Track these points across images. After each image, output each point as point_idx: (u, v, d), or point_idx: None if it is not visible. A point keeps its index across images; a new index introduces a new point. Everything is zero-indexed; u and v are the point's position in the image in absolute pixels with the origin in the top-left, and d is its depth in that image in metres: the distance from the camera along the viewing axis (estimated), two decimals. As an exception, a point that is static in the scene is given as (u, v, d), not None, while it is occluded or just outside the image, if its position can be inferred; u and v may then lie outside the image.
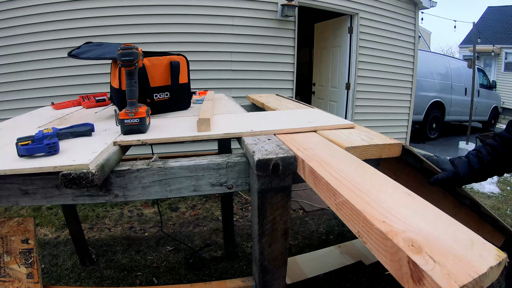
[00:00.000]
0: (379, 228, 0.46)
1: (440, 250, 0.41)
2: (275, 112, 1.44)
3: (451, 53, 21.64)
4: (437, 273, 0.37)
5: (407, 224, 0.47)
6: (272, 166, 0.78)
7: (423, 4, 4.61)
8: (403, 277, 0.41)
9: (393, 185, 0.62)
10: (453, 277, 0.37)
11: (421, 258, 0.39)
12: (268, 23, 3.71)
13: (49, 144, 0.80)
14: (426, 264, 0.39)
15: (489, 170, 1.07)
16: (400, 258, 0.42)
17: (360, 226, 0.52)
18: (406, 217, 0.49)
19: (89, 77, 3.21)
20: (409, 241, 0.42)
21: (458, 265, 0.39)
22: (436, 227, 0.47)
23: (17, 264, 1.03)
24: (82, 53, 1.30)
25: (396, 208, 0.52)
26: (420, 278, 0.39)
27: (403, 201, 0.55)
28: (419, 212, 0.51)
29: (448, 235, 0.45)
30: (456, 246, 0.42)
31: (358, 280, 2.06)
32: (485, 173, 1.08)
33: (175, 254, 2.36)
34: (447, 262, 0.39)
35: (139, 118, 0.99)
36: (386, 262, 0.45)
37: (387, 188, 0.60)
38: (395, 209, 0.51)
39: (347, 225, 0.58)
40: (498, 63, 12.65)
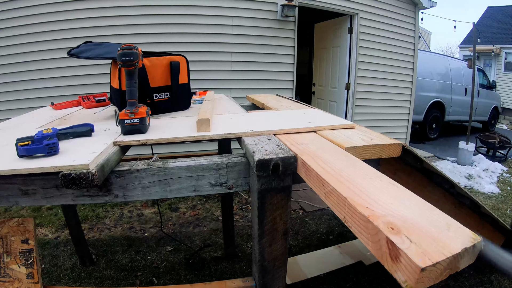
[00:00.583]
0: (362, 212, 0.50)
1: (417, 232, 0.44)
2: (275, 112, 1.44)
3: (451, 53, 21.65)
4: (412, 251, 0.40)
5: (388, 210, 0.50)
6: (272, 166, 0.78)
7: (423, 4, 4.61)
8: (383, 256, 0.45)
9: (379, 176, 0.66)
10: (428, 255, 0.39)
11: (398, 238, 0.43)
12: (268, 23, 3.71)
13: (48, 144, 0.80)
14: (403, 243, 0.42)
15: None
16: (380, 238, 0.45)
17: (345, 212, 0.56)
18: (388, 204, 0.52)
19: (89, 77, 3.21)
20: (388, 224, 0.46)
21: (433, 245, 0.41)
22: (415, 213, 0.50)
23: (17, 264, 1.03)
24: (82, 52, 1.30)
25: (379, 196, 0.55)
26: (397, 256, 0.42)
27: (387, 190, 0.59)
28: (401, 199, 0.54)
29: (426, 220, 0.47)
30: (433, 229, 0.45)
31: (358, 280, 2.06)
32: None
33: (175, 254, 2.36)
34: (423, 242, 0.42)
35: (139, 118, 0.99)
36: (367, 243, 0.49)
37: (373, 178, 0.64)
38: (378, 197, 0.55)
39: (334, 211, 0.62)
40: (498, 63, 12.65)
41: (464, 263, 0.42)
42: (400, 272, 0.41)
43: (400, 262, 0.41)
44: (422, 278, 0.39)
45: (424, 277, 0.39)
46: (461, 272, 2.12)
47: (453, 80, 7.16)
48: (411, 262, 0.39)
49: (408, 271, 0.40)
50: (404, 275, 0.41)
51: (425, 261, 0.39)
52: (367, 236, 0.49)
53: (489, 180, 4.10)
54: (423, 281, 0.39)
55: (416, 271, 0.38)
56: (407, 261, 0.40)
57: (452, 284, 2.02)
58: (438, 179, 1.33)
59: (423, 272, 0.38)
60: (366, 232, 0.49)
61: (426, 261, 0.39)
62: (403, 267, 0.41)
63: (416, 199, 0.55)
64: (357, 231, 0.52)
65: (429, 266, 0.38)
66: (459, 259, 0.41)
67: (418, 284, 0.39)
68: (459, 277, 2.08)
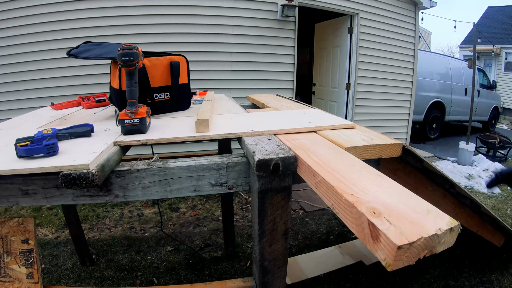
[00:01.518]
0: (347, 199, 0.54)
1: (397, 216, 0.48)
2: (275, 112, 1.44)
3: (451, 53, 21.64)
4: (391, 232, 0.44)
5: (372, 197, 0.54)
6: (273, 166, 0.78)
7: (423, 4, 4.60)
8: (365, 237, 0.49)
9: (366, 168, 0.70)
10: (405, 235, 0.43)
11: (379, 220, 0.46)
12: (268, 23, 3.71)
13: (48, 145, 0.79)
14: (383, 225, 0.45)
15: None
16: (362, 221, 0.49)
17: (333, 200, 0.60)
18: (373, 192, 0.56)
19: (89, 77, 3.21)
20: (371, 209, 0.50)
21: (411, 227, 0.45)
22: (398, 200, 0.53)
23: (17, 264, 1.03)
24: (81, 52, 1.30)
25: (365, 185, 0.59)
26: (377, 236, 0.45)
27: (373, 180, 0.63)
28: (386, 188, 0.59)
29: (407, 206, 0.51)
30: (412, 214, 0.49)
31: (358, 280, 2.06)
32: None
33: (175, 254, 2.36)
34: (402, 224, 0.45)
35: (139, 118, 0.99)
36: (352, 226, 0.53)
37: (361, 170, 0.68)
38: (364, 186, 0.59)
39: (324, 200, 0.66)
40: (498, 63, 12.65)
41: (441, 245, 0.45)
42: (380, 251, 0.45)
43: (380, 242, 0.45)
44: (400, 256, 0.42)
45: (401, 255, 0.42)
46: (461, 272, 2.12)
47: (453, 80, 7.16)
48: (389, 241, 0.43)
49: (387, 250, 0.43)
50: (383, 254, 0.44)
51: (402, 240, 0.42)
52: (352, 220, 0.53)
53: (489, 180, 4.09)
54: (400, 259, 0.42)
55: (394, 248, 0.42)
56: (385, 241, 0.44)
57: (452, 284, 2.02)
58: (439, 179, 1.33)
59: (400, 250, 0.42)
60: (351, 217, 0.54)
61: (403, 240, 0.42)
62: (382, 246, 0.45)
63: (400, 188, 0.59)
64: (343, 216, 0.56)
65: (405, 244, 0.42)
66: (436, 240, 0.44)
67: (396, 261, 0.42)
68: (459, 277, 2.08)
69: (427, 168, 1.14)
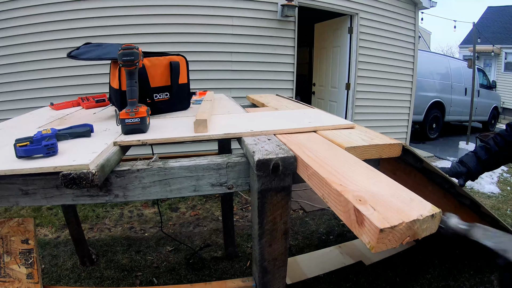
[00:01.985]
0: (336, 188, 0.58)
1: (381, 203, 0.51)
2: (275, 112, 1.44)
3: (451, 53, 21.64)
4: (374, 216, 0.47)
5: (360, 187, 0.58)
6: (272, 166, 0.78)
7: (423, 4, 4.61)
8: (352, 223, 0.52)
9: (358, 163, 0.74)
10: (387, 219, 0.46)
11: (364, 207, 0.50)
12: (268, 23, 3.71)
13: (47, 145, 0.79)
14: (367, 211, 0.49)
15: (496, 159, 1.23)
16: (349, 208, 0.53)
17: (324, 190, 0.64)
18: (361, 183, 0.60)
19: (90, 77, 3.21)
20: (357, 197, 0.53)
21: (394, 213, 0.48)
22: (384, 190, 0.57)
23: (17, 265, 1.03)
24: (82, 54, 1.30)
25: (355, 177, 0.63)
26: (362, 221, 0.49)
27: (362, 173, 0.66)
28: (373, 180, 0.62)
29: (392, 195, 0.55)
30: (396, 202, 0.52)
31: (358, 280, 2.06)
32: (493, 163, 1.24)
33: (175, 254, 2.36)
34: (385, 210, 0.49)
35: (139, 118, 0.99)
36: (340, 213, 0.57)
37: (352, 164, 0.72)
38: (353, 178, 0.62)
39: (315, 191, 0.70)
40: (498, 63, 12.65)
41: (423, 231, 0.48)
42: (365, 235, 0.48)
43: (364, 226, 0.48)
44: (382, 239, 0.45)
45: (383, 238, 0.45)
46: (461, 272, 2.12)
47: (453, 80, 7.16)
48: (372, 225, 0.46)
49: (370, 233, 0.47)
50: (367, 237, 0.47)
51: (384, 224, 0.45)
52: (340, 208, 0.57)
53: (489, 180, 4.10)
54: (383, 242, 0.45)
55: (376, 231, 0.45)
56: (369, 225, 0.47)
57: (452, 284, 2.02)
58: (438, 179, 1.32)
59: (382, 233, 0.45)
60: (339, 205, 0.57)
61: (385, 224, 0.45)
62: (366, 230, 0.48)
63: (388, 180, 0.62)
64: (333, 204, 0.60)
65: (387, 228, 0.45)
66: (417, 225, 0.47)
67: (379, 244, 0.45)
68: (459, 277, 2.08)
69: (427, 168, 1.14)
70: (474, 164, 1.25)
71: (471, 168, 1.25)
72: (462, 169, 1.27)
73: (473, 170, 1.25)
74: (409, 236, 0.47)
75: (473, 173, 1.26)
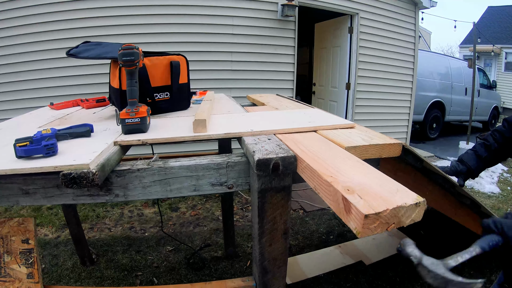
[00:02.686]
0: (326, 180, 0.61)
1: (368, 193, 0.54)
2: (275, 112, 1.44)
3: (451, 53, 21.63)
4: (360, 204, 0.50)
5: (349, 179, 0.61)
6: (272, 165, 0.78)
7: (423, 4, 4.60)
8: (340, 211, 0.56)
9: (349, 157, 0.77)
10: (372, 207, 0.49)
11: (351, 196, 0.53)
12: (268, 23, 3.71)
13: (47, 145, 0.79)
14: (354, 199, 0.52)
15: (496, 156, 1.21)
16: (338, 197, 0.56)
17: (315, 182, 0.68)
18: (350, 175, 0.63)
19: (89, 77, 3.21)
20: (346, 187, 0.57)
21: (379, 201, 0.51)
22: (372, 181, 0.60)
23: (18, 264, 1.04)
24: (81, 52, 1.29)
25: (345, 170, 0.66)
26: (349, 208, 0.52)
27: (353, 166, 0.69)
28: (362, 172, 0.65)
29: (379, 186, 0.58)
30: (382, 191, 0.55)
31: (358, 280, 2.06)
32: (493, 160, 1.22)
33: (175, 254, 2.36)
34: (371, 199, 0.52)
35: (140, 118, 0.99)
36: (330, 203, 0.60)
37: (343, 158, 0.76)
38: (343, 171, 0.66)
39: (308, 183, 0.73)
40: (498, 63, 12.65)
41: (408, 218, 0.51)
42: (352, 221, 0.52)
43: (351, 213, 0.51)
44: (367, 225, 0.48)
45: (368, 223, 0.48)
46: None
47: (453, 80, 7.16)
48: (358, 212, 0.49)
49: (357, 219, 0.50)
50: (354, 223, 0.51)
51: (369, 210, 0.48)
52: (330, 197, 0.60)
53: (489, 180, 4.10)
54: (369, 227, 0.48)
55: (362, 217, 0.48)
56: (356, 211, 0.50)
57: (452, 284, 2.02)
58: (439, 179, 1.32)
59: (367, 219, 0.48)
60: (329, 194, 0.61)
61: (370, 210, 0.48)
62: (353, 217, 0.51)
63: (376, 173, 0.66)
64: (323, 195, 0.63)
65: (372, 214, 0.48)
66: (401, 212, 0.50)
67: (364, 229, 0.48)
68: (459, 277, 2.08)
69: (427, 168, 1.14)
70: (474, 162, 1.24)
71: (471, 166, 1.24)
72: (462, 167, 1.26)
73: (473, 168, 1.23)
74: (394, 223, 0.50)
75: (473, 171, 1.24)
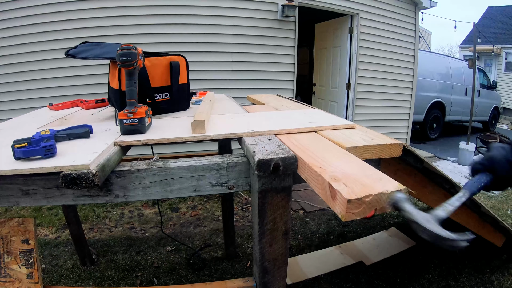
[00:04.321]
0: (316, 170, 0.67)
1: (353, 181, 0.59)
2: (276, 112, 1.44)
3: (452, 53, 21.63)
4: (344, 190, 0.55)
5: (336, 169, 0.67)
6: (273, 166, 0.77)
7: (423, 4, 4.60)
8: (327, 198, 0.61)
9: (338, 150, 0.83)
10: (355, 192, 0.54)
11: (337, 184, 0.58)
12: (268, 23, 3.71)
13: (45, 146, 0.78)
14: (339, 186, 0.57)
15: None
16: (325, 186, 0.61)
17: (306, 173, 0.73)
18: (337, 166, 0.68)
19: (89, 77, 3.21)
20: (333, 176, 0.62)
21: (362, 188, 0.55)
22: (357, 171, 0.65)
23: (18, 265, 1.03)
24: (80, 52, 1.29)
25: (332, 161, 0.72)
26: (335, 195, 0.57)
27: (341, 158, 0.75)
28: (350, 163, 0.71)
29: (364, 175, 0.62)
30: (366, 180, 0.59)
31: (359, 280, 2.06)
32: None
33: (176, 255, 2.36)
34: (355, 186, 0.56)
35: (137, 119, 0.99)
36: (319, 191, 0.66)
37: (332, 151, 0.82)
38: (331, 162, 0.71)
39: (300, 174, 0.78)
40: (499, 63, 12.64)
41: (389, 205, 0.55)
42: (337, 206, 0.56)
43: (337, 199, 0.56)
44: (351, 208, 0.53)
45: (352, 207, 0.53)
46: (461, 272, 2.12)
47: (453, 80, 7.16)
48: (342, 197, 0.54)
49: (341, 204, 0.54)
50: (339, 208, 0.55)
51: (352, 196, 0.53)
52: (318, 186, 0.65)
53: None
54: (352, 211, 0.53)
55: (345, 202, 0.52)
56: (340, 197, 0.54)
57: (452, 284, 2.02)
58: (439, 179, 1.32)
59: (350, 203, 0.52)
60: (317, 183, 0.66)
61: (352, 195, 0.53)
62: (338, 202, 0.56)
63: (361, 163, 0.70)
64: (313, 184, 0.68)
65: (354, 199, 0.52)
66: (383, 198, 0.54)
67: (347, 213, 0.53)
68: (459, 277, 2.08)
69: (427, 168, 1.13)
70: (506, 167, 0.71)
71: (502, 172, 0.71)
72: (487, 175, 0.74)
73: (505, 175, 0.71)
74: (377, 208, 0.54)
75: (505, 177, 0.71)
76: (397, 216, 2.97)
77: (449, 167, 4.55)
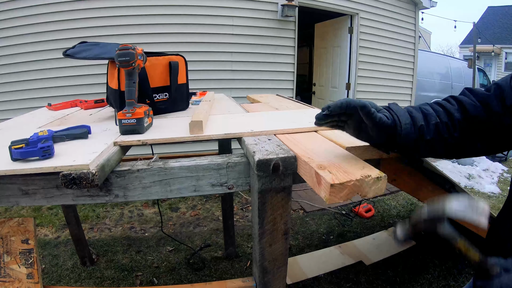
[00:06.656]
0: (304, 160, 0.72)
1: (337, 169, 0.64)
2: (276, 112, 1.44)
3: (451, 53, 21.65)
4: (328, 176, 0.60)
5: (323, 159, 0.72)
6: (273, 166, 0.77)
7: (423, 4, 4.61)
8: (314, 184, 0.65)
9: (327, 143, 0.88)
10: (338, 178, 0.59)
11: (322, 171, 0.63)
12: (268, 23, 3.71)
13: (43, 147, 0.77)
14: (324, 173, 0.62)
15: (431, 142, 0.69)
16: (312, 174, 0.66)
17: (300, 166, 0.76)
18: (325, 157, 0.73)
19: (89, 77, 3.21)
20: (319, 165, 0.67)
21: (345, 175, 0.60)
22: (342, 160, 0.70)
23: (17, 264, 1.03)
24: (78, 52, 1.28)
25: (321, 153, 0.77)
26: (320, 181, 0.62)
27: (329, 150, 0.80)
28: (337, 155, 0.76)
29: (348, 164, 0.67)
30: (350, 168, 0.64)
31: (359, 280, 2.06)
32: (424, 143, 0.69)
33: (176, 254, 2.36)
34: (339, 173, 0.62)
35: (136, 119, 0.98)
36: (307, 178, 0.71)
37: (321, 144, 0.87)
38: (320, 154, 0.76)
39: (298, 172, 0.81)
40: (499, 63, 12.66)
41: (371, 190, 0.60)
42: (322, 191, 0.61)
43: (322, 185, 0.61)
44: (334, 192, 0.58)
45: (335, 191, 0.58)
46: (461, 272, 2.12)
47: (453, 80, 7.16)
48: (326, 182, 0.59)
49: (325, 188, 0.59)
50: (324, 192, 0.60)
51: (334, 181, 0.58)
52: (307, 174, 0.71)
53: (489, 180, 4.09)
54: (335, 195, 0.58)
55: (328, 186, 0.57)
56: (324, 182, 0.59)
57: (452, 284, 2.02)
58: (439, 179, 1.32)
59: (333, 187, 0.57)
60: (306, 171, 0.71)
61: (335, 181, 0.58)
62: (323, 187, 0.60)
63: (350, 155, 0.75)
64: (302, 173, 0.74)
65: (337, 184, 0.57)
66: (364, 184, 0.59)
67: (331, 196, 0.58)
68: (459, 277, 2.08)
69: (427, 168, 1.14)
70: (407, 121, 0.69)
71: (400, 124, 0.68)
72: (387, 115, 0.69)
73: (401, 128, 0.67)
74: (358, 193, 0.59)
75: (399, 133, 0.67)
76: (397, 216, 2.98)
77: (449, 167, 4.55)
